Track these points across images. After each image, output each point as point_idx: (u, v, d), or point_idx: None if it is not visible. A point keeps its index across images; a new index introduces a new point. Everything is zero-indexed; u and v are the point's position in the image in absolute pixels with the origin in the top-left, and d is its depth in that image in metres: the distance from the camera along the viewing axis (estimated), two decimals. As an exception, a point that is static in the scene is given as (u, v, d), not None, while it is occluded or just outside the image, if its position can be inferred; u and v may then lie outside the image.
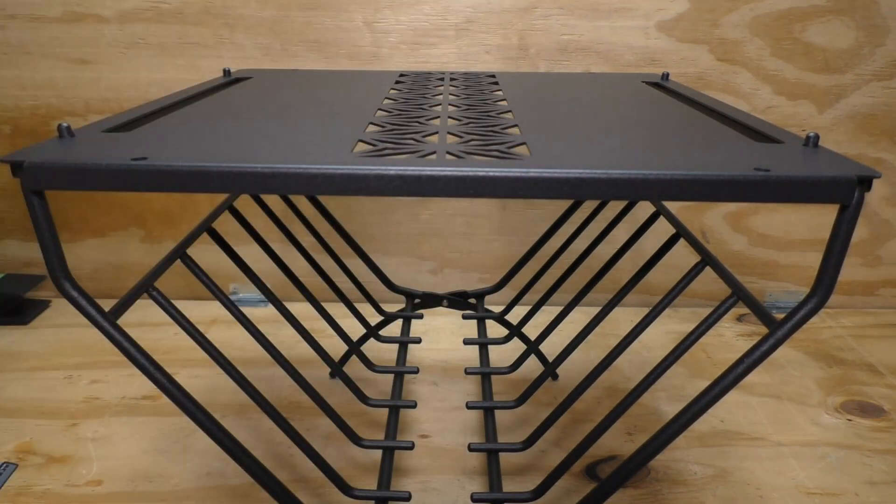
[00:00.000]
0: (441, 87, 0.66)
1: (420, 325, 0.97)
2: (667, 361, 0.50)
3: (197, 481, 0.66)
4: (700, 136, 0.44)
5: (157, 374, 0.42)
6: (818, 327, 0.99)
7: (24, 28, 0.90)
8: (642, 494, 0.65)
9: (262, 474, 0.46)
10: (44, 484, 0.66)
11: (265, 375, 0.84)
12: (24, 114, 0.95)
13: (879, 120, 0.94)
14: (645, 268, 0.61)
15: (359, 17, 0.90)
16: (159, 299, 0.49)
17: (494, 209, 1.00)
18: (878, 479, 0.68)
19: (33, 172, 0.35)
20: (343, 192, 0.35)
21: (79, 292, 0.39)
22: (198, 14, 0.90)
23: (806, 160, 0.38)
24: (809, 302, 0.38)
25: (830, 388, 0.83)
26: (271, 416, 0.51)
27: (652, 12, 0.89)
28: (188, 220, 1.01)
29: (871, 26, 0.89)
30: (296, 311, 0.65)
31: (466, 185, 0.35)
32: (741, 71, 0.92)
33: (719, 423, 0.76)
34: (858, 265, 1.03)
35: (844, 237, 0.36)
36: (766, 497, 0.65)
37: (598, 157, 0.38)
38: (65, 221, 1.01)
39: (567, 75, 0.74)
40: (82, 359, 0.88)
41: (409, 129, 0.46)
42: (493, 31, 0.91)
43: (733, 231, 1.01)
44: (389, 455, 0.59)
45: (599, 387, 0.82)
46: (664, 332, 0.96)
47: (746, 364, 0.40)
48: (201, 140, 0.41)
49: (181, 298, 1.02)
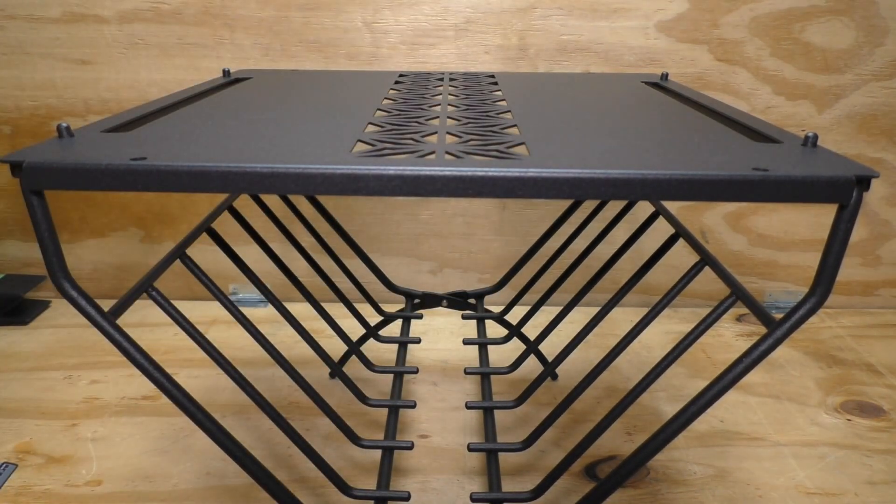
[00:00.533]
0: (440, 88, 0.66)
1: (420, 325, 0.97)
2: (666, 361, 0.50)
3: (196, 481, 0.67)
4: (699, 136, 0.44)
5: (156, 374, 0.42)
6: (818, 327, 0.99)
7: (23, 28, 0.90)
8: (642, 494, 0.65)
9: (262, 474, 0.46)
10: (43, 484, 0.66)
11: (265, 375, 0.84)
12: (23, 114, 0.95)
13: (879, 120, 0.94)
14: (644, 268, 0.61)
15: (358, 18, 0.90)
16: (159, 299, 0.49)
17: (494, 209, 1.00)
18: (877, 479, 0.68)
19: (33, 172, 0.35)
20: (342, 192, 0.35)
21: (78, 292, 0.39)
22: (197, 14, 0.90)
23: (804, 160, 0.38)
24: (808, 301, 0.38)
25: (830, 388, 0.84)
26: (271, 416, 0.51)
27: (651, 12, 0.90)
28: (188, 221, 1.01)
29: (870, 26, 0.90)
30: (295, 312, 0.65)
31: (465, 185, 0.35)
32: (740, 71, 0.92)
33: (719, 423, 0.76)
34: (858, 265, 1.03)
35: (843, 237, 0.36)
36: (765, 497, 0.65)
37: (598, 157, 0.38)
38: (65, 221, 1.01)
39: (566, 75, 0.74)
40: (82, 359, 0.89)
41: (409, 129, 0.47)
42: (492, 31, 0.91)
43: (733, 231, 1.01)
44: (389, 455, 0.59)
45: (599, 387, 0.82)
46: (663, 332, 0.96)
47: (745, 364, 0.40)
48: (201, 140, 0.41)
49: (181, 299, 1.03)
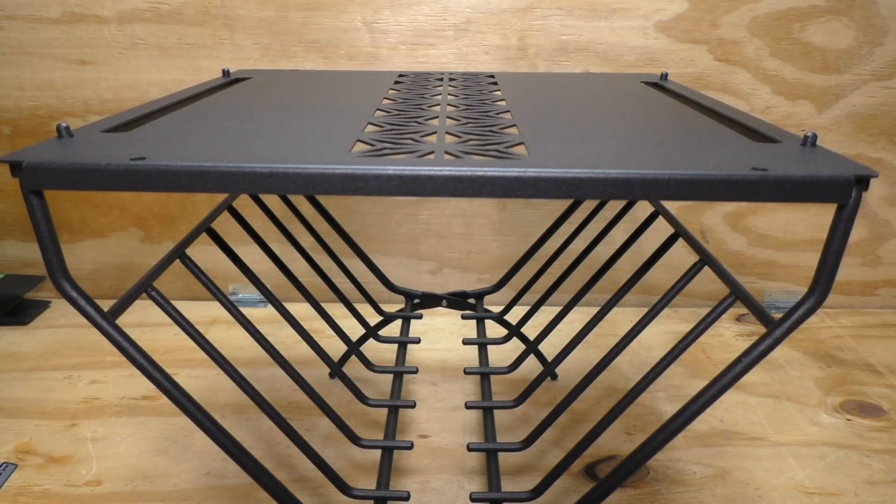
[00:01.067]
0: (440, 88, 0.66)
1: (419, 325, 0.97)
2: (665, 361, 0.50)
3: (196, 481, 0.67)
4: (698, 135, 0.44)
5: (156, 375, 0.42)
6: (817, 327, 0.99)
7: (23, 29, 0.90)
8: (641, 494, 0.65)
9: (262, 474, 0.46)
10: (43, 484, 0.66)
11: (265, 375, 0.84)
12: (23, 114, 0.95)
13: (878, 120, 0.94)
14: (644, 268, 0.61)
15: (358, 18, 0.90)
16: (158, 299, 0.49)
17: (493, 209, 1.00)
18: (877, 479, 0.68)
19: (32, 172, 0.35)
20: (342, 192, 0.35)
21: (78, 292, 0.39)
22: (197, 15, 0.90)
23: (804, 160, 0.38)
24: (807, 301, 0.38)
25: (830, 387, 0.84)
26: (270, 416, 0.51)
27: (651, 12, 0.90)
28: (187, 221, 1.01)
29: (870, 26, 0.90)
30: (295, 312, 0.65)
31: (465, 185, 0.35)
32: (740, 71, 0.92)
33: (718, 423, 0.76)
34: (858, 265, 1.03)
35: (842, 236, 0.36)
36: (765, 497, 0.65)
37: (597, 156, 0.38)
38: (64, 221, 1.01)
39: (566, 75, 0.74)
40: (82, 359, 0.89)
41: (408, 129, 0.47)
42: (492, 31, 0.91)
43: (732, 231, 1.01)
44: (388, 455, 0.59)
45: (598, 387, 0.82)
46: (663, 332, 0.96)
47: (745, 363, 0.40)
48: (200, 140, 0.41)
49: (181, 299, 1.03)
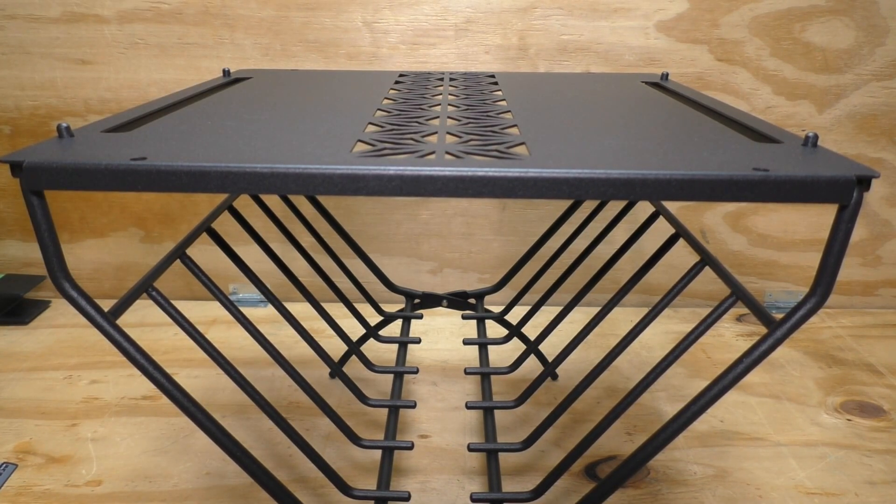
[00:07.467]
0: (440, 88, 0.66)
1: (420, 325, 0.97)
2: (666, 361, 0.50)
3: (196, 481, 0.67)
4: (699, 136, 0.44)
5: (156, 375, 0.42)
6: (818, 327, 0.99)
7: (23, 28, 0.90)
8: (642, 494, 0.65)
9: (262, 474, 0.46)
10: (43, 484, 0.66)
11: (265, 375, 0.84)
12: (23, 114, 0.95)
13: (879, 120, 0.94)
14: (644, 268, 0.61)
15: (358, 18, 0.90)
16: (159, 299, 0.49)
17: (494, 209, 1.00)
18: (877, 479, 0.68)
19: (33, 172, 0.35)
20: (342, 192, 0.35)
21: (78, 292, 0.39)
22: (197, 14, 0.90)
23: (805, 160, 0.38)
24: (808, 302, 0.38)
25: (830, 388, 0.84)
26: (271, 416, 0.51)
27: (651, 12, 0.89)
28: (188, 221, 1.01)
29: (870, 26, 0.89)
30: (295, 312, 0.65)
31: (465, 185, 0.35)
32: (741, 71, 0.92)
33: (719, 423, 0.76)
34: (858, 265, 1.03)
35: (843, 237, 0.36)
36: (765, 497, 0.65)
37: (597, 157, 0.38)
38: (65, 221, 1.01)
39: (566, 75, 0.74)
40: (82, 359, 0.89)
41: (409, 129, 0.46)
42: (492, 31, 0.91)
43: (733, 231, 1.01)
44: (389, 455, 0.59)
45: (599, 387, 0.82)
46: (664, 332, 0.96)
47: (745, 364, 0.40)
48: (200, 140, 0.41)
49: (181, 299, 1.03)
